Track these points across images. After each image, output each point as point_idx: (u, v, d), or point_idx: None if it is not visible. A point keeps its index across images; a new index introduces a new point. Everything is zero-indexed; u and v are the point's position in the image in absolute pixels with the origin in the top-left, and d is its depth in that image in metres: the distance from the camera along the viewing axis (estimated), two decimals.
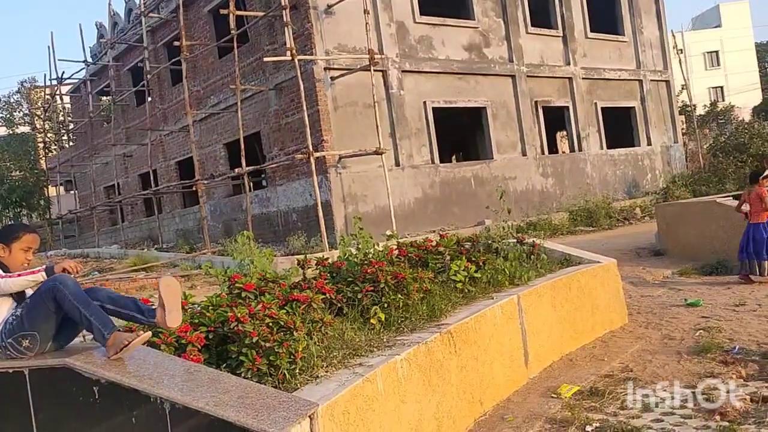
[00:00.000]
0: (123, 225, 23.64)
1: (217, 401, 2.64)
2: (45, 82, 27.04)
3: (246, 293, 3.88)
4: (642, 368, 5.26)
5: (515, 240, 6.82)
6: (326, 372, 3.43)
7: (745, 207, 8.46)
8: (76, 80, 27.44)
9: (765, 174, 8.54)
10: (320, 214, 13.64)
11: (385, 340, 4.07)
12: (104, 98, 28.19)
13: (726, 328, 6.06)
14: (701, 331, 6.05)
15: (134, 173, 24.09)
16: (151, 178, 20.78)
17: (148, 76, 20.87)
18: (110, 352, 2.93)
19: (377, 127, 14.49)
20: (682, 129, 24.94)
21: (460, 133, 21.64)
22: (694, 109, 26.82)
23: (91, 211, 24.87)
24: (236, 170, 15.40)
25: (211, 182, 17.87)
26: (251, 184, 16.53)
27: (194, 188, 17.63)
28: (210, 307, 3.63)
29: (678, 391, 4.62)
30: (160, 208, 22.06)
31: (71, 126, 29.98)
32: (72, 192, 30.11)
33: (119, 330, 3.02)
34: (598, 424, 4.16)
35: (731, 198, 9.79)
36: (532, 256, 6.52)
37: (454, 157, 24.05)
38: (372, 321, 4.32)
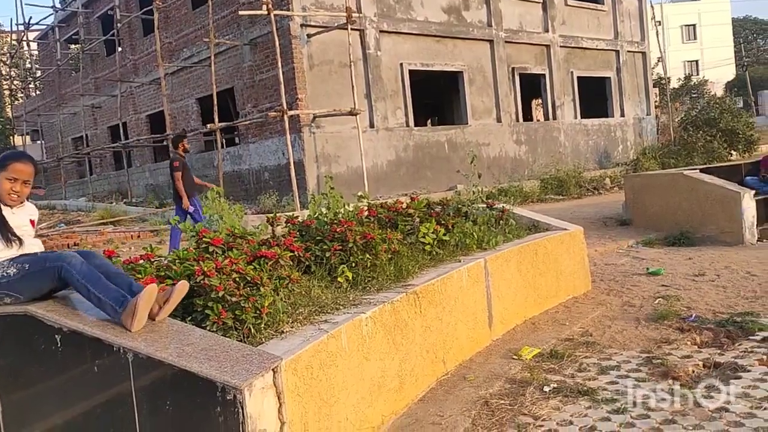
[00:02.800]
0: (91, 178, 23.23)
1: (181, 353, 2.66)
2: (11, 28, 26.15)
3: (214, 248, 3.87)
4: (601, 333, 5.41)
5: (485, 205, 6.89)
6: (291, 328, 3.47)
7: None
8: (44, 26, 26.55)
9: None
10: (292, 173, 13.58)
11: (351, 298, 4.10)
12: (73, 46, 27.35)
13: (684, 297, 6.25)
14: (660, 299, 6.23)
15: (103, 125, 23.58)
16: (121, 130, 20.38)
17: (119, 25, 20.28)
18: (131, 325, 2.78)
19: (353, 87, 14.36)
20: (656, 102, 25.20)
21: (436, 97, 21.56)
22: (669, 82, 27.05)
23: (59, 163, 24.36)
24: (208, 126, 15.18)
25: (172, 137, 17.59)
26: (223, 140, 16.33)
27: (165, 143, 17.35)
28: (177, 261, 3.62)
29: (634, 355, 4.78)
30: (130, 161, 21.70)
31: (38, 74, 29.11)
32: (38, 142, 29.43)
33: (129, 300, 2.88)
34: (555, 385, 4.29)
35: (698, 171, 9.97)
36: (501, 222, 6.59)
37: (429, 121, 24.00)
38: (339, 279, 4.35)
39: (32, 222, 3.36)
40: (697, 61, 52.72)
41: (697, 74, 46.10)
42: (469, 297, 5.14)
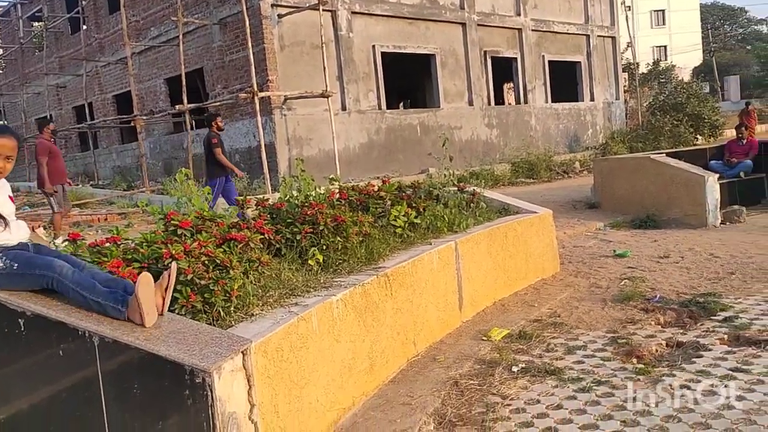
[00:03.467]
0: None
1: (148, 336, 2.63)
2: None
3: (182, 230, 3.82)
4: (569, 314, 5.50)
5: (456, 188, 6.92)
6: (262, 310, 3.45)
7: None
8: (6, 3, 25.71)
9: None
10: (264, 155, 13.46)
11: (322, 281, 4.10)
12: (36, 24, 26.58)
13: (649, 278, 6.38)
14: (626, 280, 6.35)
15: (68, 105, 23.04)
16: (87, 111, 19.94)
17: (84, 2, 19.73)
18: (142, 320, 2.69)
19: (324, 69, 14.24)
20: (625, 86, 25.49)
21: (409, 80, 21.51)
22: (638, 67, 27.36)
23: (22, 144, 23.75)
24: (177, 107, 14.93)
25: (151, 118, 17.29)
26: (193, 122, 16.08)
27: (133, 124, 17.04)
28: (144, 244, 3.57)
29: (600, 335, 4.87)
30: (96, 143, 21.27)
31: (0, 52, 28.22)
32: (1, 122, 28.59)
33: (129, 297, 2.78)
34: (523, 365, 4.36)
35: (664, 155, 10.15)
36: (472, 205, 6.63)
37: (401, 104, 23.95)
38: (310, 262, 4.34)
39: (11, 199, 3.21)
40: (665, 47, 53.40)
41: (666, 59, 46.69)
42: (440, 279, 5.18)
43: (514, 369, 4.32)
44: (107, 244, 3.50)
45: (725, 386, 3.74)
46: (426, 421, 3.65)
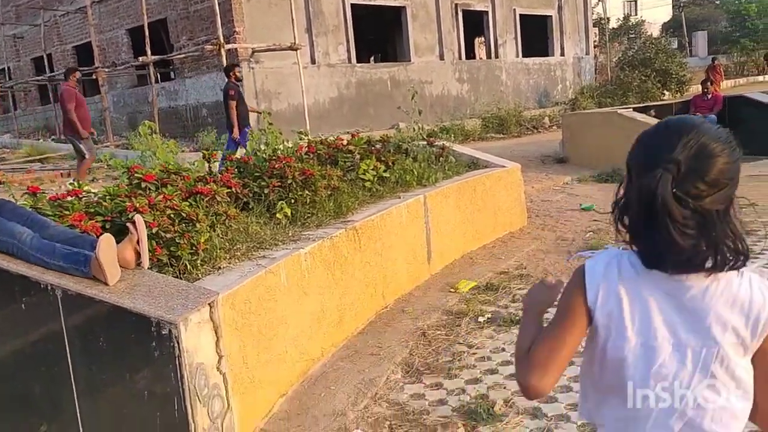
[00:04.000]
0: (15, 113, 22.00)
1: (113, 289, 2.61)
2: None
3: (146, 184, 3.75)
4: (535, 266, 5.61)
5: (425, 142, 6.92)
6: (229, 263, 3.45)
7: None
8: None
9: None
10: None
11: (290, 234, 4.10)
12: None
13: (613, 230, 6.48)
14: (591, 232, 6.48)
15: (26, 57, 22.20)
16: (46, 63, 19.25)
17: None
18: (105, 278, 2.63)
19: (293, 21, 13.91)
20: (595, 41, 25.46)
21: (379, 33, 21.16)
22: (608, 22, 27.32)
23: None
24: (140, 59, 14.48)
25: (113, 71, 16.79)
26: (158, 75, 15.66)
27: (95, 76, 16.52)
28: (107, 197, 3.51)
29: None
30: (57, 96, 20.60)
31: None
32: None
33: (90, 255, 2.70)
34: (490, 315, 4.46)
35: (631, 110, 10.24)
36: (441, 159, 6.65)
37: (372, 58, 23.59)
38: (278, 216, 4.32)
39: None
40: (635, 1, 53.26)
41: (636, 14, 46.65)
42: (409, 232, 5.21)
43: (481, 319, 4.41)
44: (69, 198, 3.43)
45: None
46: (394, 370, 3.72)
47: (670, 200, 1.14)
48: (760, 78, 27.83)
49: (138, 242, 2.84)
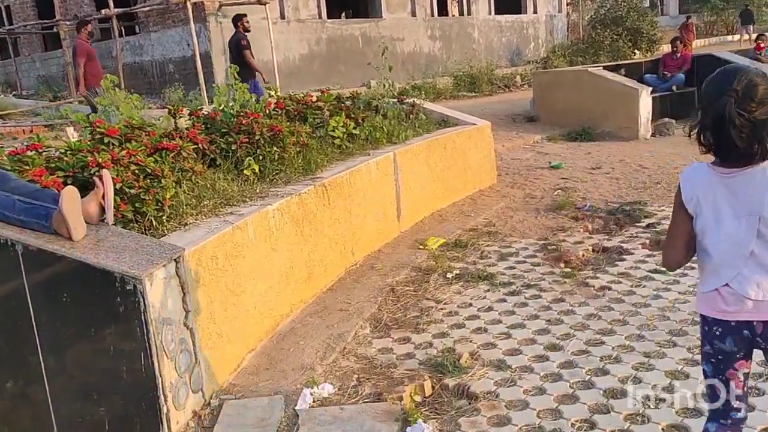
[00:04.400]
0: None
1: (75, 244, 2.57)
2: None
3: (109, 139, 3.66)
4: (504, 223, 5.67)
5: (395, 99, 6.86)
6: (196, 220, 3.41)
7: None
8: None
9: None
10: (199, 65, 12.90)
11: (258, 191, 4.06)
12: None
13: (581, 188, 6.60)
14: (559, 191, 6.55)
15: None
16: (4, 15, 18.47)
17: None
18: (69, 233, 2.57)
19: None
20: None
21: None
22: None
23: None
24: (103, 12, 13.99)
25: (75, 24, 16.20)
26: (122, 28, 15.16)
27: (56, 30, 15.95)
28: (69, 152, 3.42)
29: (532, 242, 5.06)
30: (17, 50, 19.88)
31: None
32: None
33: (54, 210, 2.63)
34: (458, 272, 4.51)
35: (601, 68, 10.26)
36: (411, 116, 6.60)
37: (343, 14, 23.14)
38: (246, 173, 4.27)
39: None
40: None
41: None
42: (378, 190, 5.21)
43: (449, 275, 4.46)
44: (29, 152, 3.34)
45: (643, 287, 3.98)
46: (362, 325, 3.76)
47: (734, 115, 1.73)
48: (729, 38, 28.03)
49: (103, 197, 2.78)
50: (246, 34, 9.61)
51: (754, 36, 23.02)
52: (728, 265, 1.86)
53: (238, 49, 9.42)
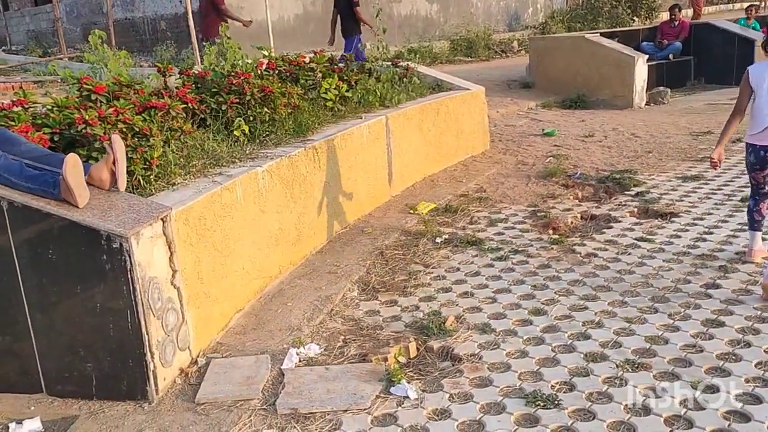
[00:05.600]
0: None
1: (61, 202, 2.57)
2: None
3: (97, 96, 3.62)
4: (494, 189, 5.68)
5: (389, 62, 6.79)
6: (184, 180, 3.40)
7: None
8: None
9: None
10: (191, 23, 12.62)
11: (248, 152, 4.04)
12: None
13: (573, 156, 6.59)
14: (551, 158, 6.54)
15: None
16: None
17: None
18: (74, 201, 2.56)
19: None
20: None
21: None
22: None
23: None
24: None
25: None
26: None
27: None
28: (55, 109, 3.38)
29: (522, 209, 5.08)
30: (6, 4, 19.47)
31: None
32: None
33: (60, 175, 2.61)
34: (447, 236, 4.54)
35: (598, 35, 10.15)
36: (405, 80, 6.54)
37: None
38: (236, 133, 4.24)
39: None
40: None
41: None
42: (370, 153, 5.19)
43: (438, 240, 4.49)
44: (14, 108, 3.30)
45: (629, 254, 4.02)
46: (350, 288, 3.80)
47: None
48: (730, 6, 27.69)
49: (114, 163, 2.77)
50: None
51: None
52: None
53: (350, 4, 9.70)
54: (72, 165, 2.57)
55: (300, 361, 2.98)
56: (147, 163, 3.25)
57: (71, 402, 2.73)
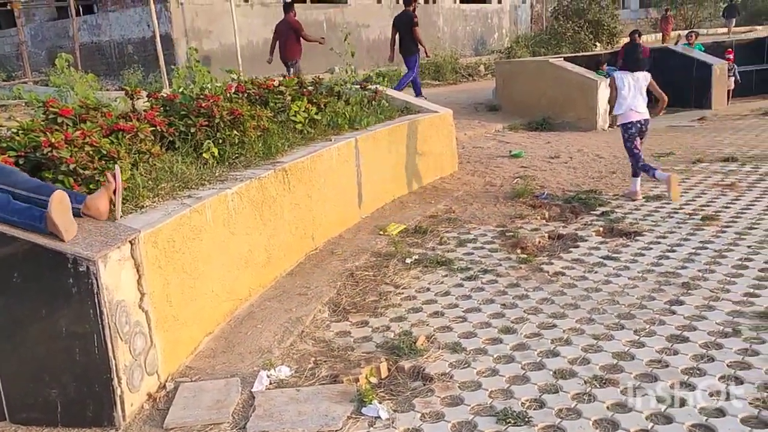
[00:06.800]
0: None
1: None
2: None
3: (63, 119, 3.59)
4: (463, 210, 5.74)
5: (358, 85, 6.86)
6: (153, 202, 3.37)
7: None
8: None
9: None
10: (159, 47, 12.64)
11: (217, 174, 4.03)
12: None
13: (540, 177, 6.71)
14: (519, 179, 6.65)
15: None
16: None
17: None
18: (61, 235, 2.53)
19: None
20: None
21: None
22: None
23: None
24: None
25: (31, 2, 15.69)
26: (79, 7, 14.73)
27: (9, 7, 15.40)
28: (21, 132, 3.34)
29: (490, 229, 5.14)
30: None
31: None
32: None
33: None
34: (417, 257, 4.57)
35: (562, 59, 10.41)
36: (374, 102, 6.62)
37: None
38: (205, 156, 4.23)
39: None
40: None
41: None
42: (340, 175, 5.22)
43: (408, 261, 4.51)
44: None
45: (595, 272, 4.10)
46: (321, 309, 3.79)
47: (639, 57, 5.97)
48: (697, 30, 28.70)
49: (114, 192, 2.76)
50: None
51: (734, 28, 24.16)
52: (630, 100, 5.65)
53: (410, 25, 10.64)
54: (57, 202, 2.55)
55: (271, 383, 2.96)
56: None
57: (36, 430, 2.66)
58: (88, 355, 2.55)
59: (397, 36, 10.92)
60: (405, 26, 10.75)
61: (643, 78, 5.73)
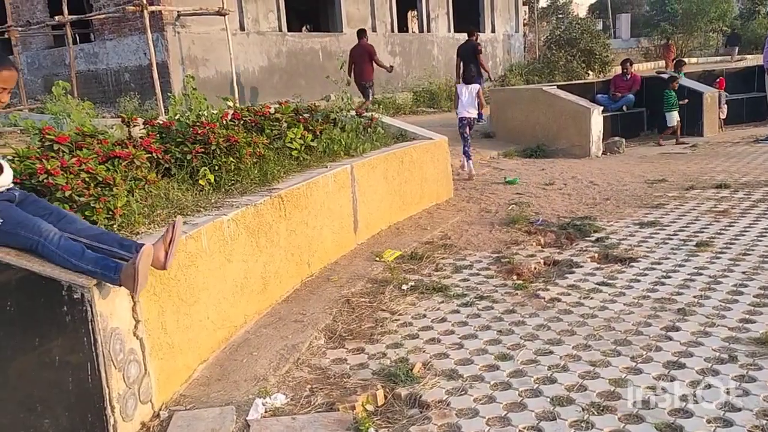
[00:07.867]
0: None
1: (20, 252, 2.52)
2: None
3: (59, 146, 3.60)
4: (459, 236, 5.75)
5: (354, 112, 6.91)
6: (148, 229, 3.37)
7: None
8: None
9: None
10: (155, 75, 12.74)
11: (213, 201, 4.04)
12: None
13: (535, 203, 6.75)
14: (514, 205, 6.68)
15: None
16: None
17: None
18: (133, 289, 2.54)
19: None
20: (524, 20, 25.90)
21: (311, 4, 20.80)
22: (537, 1, 27.81)
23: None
24: (57, 18, 13.71)
25: (28, 30, 15.84)
26: (76, 35, 14.86)
27: (7, 35, 15.55)
28: (16, 159, 3.35)
29: (486, 255, 5.15)
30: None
31: None
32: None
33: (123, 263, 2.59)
34: (413, 283, 4.56)
35: (556, 87, 10.53)
36: (369, 129, 6.67)
37: (304, 27, 23.21)
38: (201, 183, 4.24)
39: None
40: None
41: None
42: (335, 202, 5.23)
43: (404, 287, 4.50)
44: None
45: (591, 298, 4.10)
46: (317, 336, 3.77)
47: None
48: (685, 59, 29.13)
49: (171, 242, 2.75)
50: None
51: (737, 56, 24.71)
52: (465, 104, 8.28)
53: (475, 53, 12.17)
54: (146, 255, 2.56)
55: (266, 411, 2.93)
56: (110, 212, 3.22)
57: None
58: (81, 383, 2.52)
59: (461, 63, 12.15)
60: (470, 55, 12.11)
61: None
